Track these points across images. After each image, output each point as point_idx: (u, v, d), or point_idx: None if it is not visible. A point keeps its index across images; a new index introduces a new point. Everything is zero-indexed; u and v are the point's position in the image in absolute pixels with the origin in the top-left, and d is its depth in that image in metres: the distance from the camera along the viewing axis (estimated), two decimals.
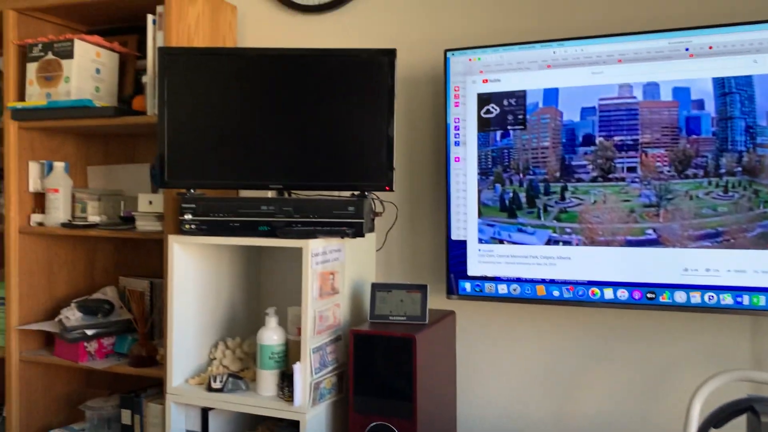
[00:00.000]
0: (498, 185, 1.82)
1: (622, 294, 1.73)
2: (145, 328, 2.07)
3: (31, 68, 2.12)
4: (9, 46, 2.16)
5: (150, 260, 2.37)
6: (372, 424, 1.66)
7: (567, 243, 1.77)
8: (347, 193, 1.81)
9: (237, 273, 2.05)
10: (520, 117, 1.80)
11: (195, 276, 1.87)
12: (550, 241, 1.78)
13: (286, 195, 1.89)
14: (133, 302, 2.11)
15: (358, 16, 2.12)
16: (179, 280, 1.82)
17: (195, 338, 1.88)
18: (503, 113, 1.81)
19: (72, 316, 2.10)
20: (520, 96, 1.80)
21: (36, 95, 2.11)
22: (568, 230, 1.76)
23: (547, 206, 1.78)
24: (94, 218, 2.14)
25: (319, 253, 1.69)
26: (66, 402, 2.33)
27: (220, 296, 1.97)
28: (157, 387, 2.12)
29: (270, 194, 1.90)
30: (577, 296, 1.77)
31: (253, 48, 1.81)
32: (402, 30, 2.07)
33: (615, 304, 1.74)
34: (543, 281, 1.80)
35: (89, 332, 2.07)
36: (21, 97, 2.17)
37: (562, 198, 1.76)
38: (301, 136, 1.78)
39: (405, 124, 2.06)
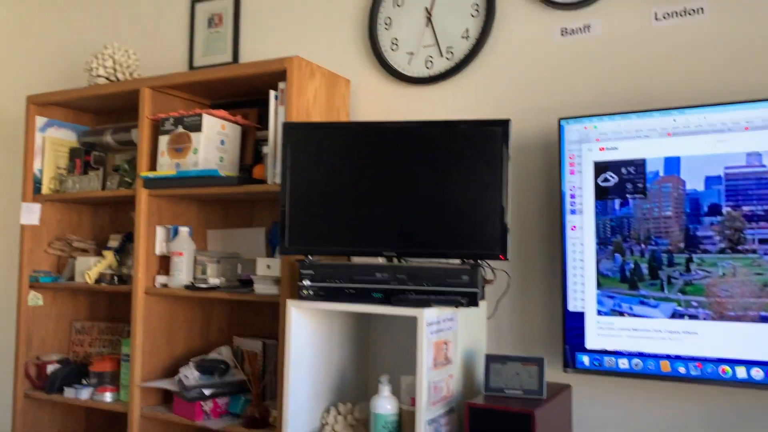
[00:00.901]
0: (618, 255, 1.77)
1: (757, 373, 1.62)
2: (258, 389, 2.13)
3: (163, 140, 2.29)
4: (144, 120, 2.35)
5: (263, 321, 2.45)
6: None
7: (693, 317, 1.68)
8: (456, 260, 1.81)
9: (348, 338, 2.07)
10: (640, 186, 1.76)
11: (309, 340, 1.92)
12: (675, 315, 1.70)
13: (396, 261, 1.91)
14: (248, 363, 2.17)
15: (467, 86, 2.17)
16: (295, 344, 1.86)
17: (308, 402, 1.90)
18: (622, 182, 1.78)
19: (190, 375, 2.19)
20: (639, 164, 1.76)
21: (166, 165, 2.27)
22: (695, 304, 1.68)
23: (671, 278, 1.71)
24: (214, 280, 2.25)
25: (433, 323, 1.69)
26: None
27: (331, 361, 2.00)
28: None
29: (380, 260, 1.93)
30: (705, 374, 1.67)
31: (371, 122, 1.88)
32: (510, 99, 2.09)
33: (749, 384, 1.63)
34: (668, 357, 1.71)
35: (206, 392, 2.15)
36: (152, 167, 2.34)
37: (687, 270, 1.69)
38: (415, 204, 1.81)
39: (515, 191, 2.06)
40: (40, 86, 3.15)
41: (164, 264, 2.39)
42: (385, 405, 1.74)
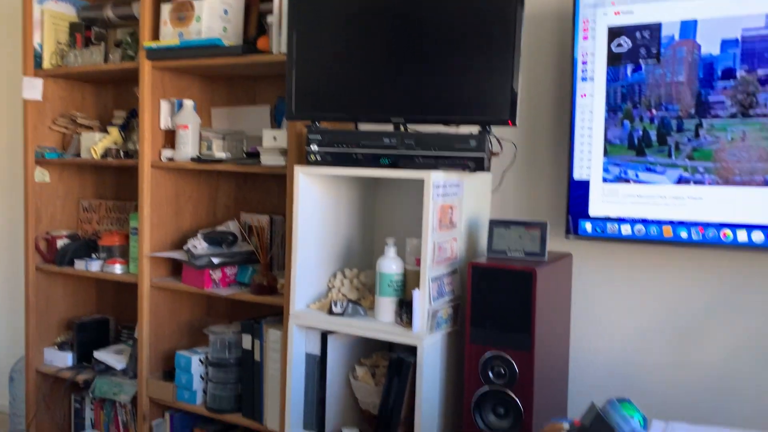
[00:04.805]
0: (627, 122, 1.76)
1: (758, 237, 1.65)
2: (266, 259, 2.17)
3: (165, 9, 2.23)
4: None
5: (268, 198, 2.47)
6: (489, 354, 1.68)
7: (699, 183, 1.69)
8: (465, 131, 1.80)
9: (355, 206, 2.10)
10: (654, 51, 1.73)
11: (316, 207, 1.94)
12: (681, 181, 1.71)
13: (402, 128, 1.90)
14: (255, 235, 2.21)
15: None
16: (303, 210, 1.89)
17: (315, 267, 1.95)
18: (635, 47, 1.75)
19: (199, 245, 2.23)
20: (655, 29, 1.72)
21: (169, 35, 2.22)
22: (701, 169, 1.69)
23: (679, 144, 1.71)
24: (220, 154, 2.25)
25: (440, 185, 1.71)
26: (189, 328, 2.49)
27: (338, 228, 2.03)
28: (276, 316, 2.22)
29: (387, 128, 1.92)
30: (707, 239, 1.70)
31: None
32: None
33: (749, 247, 1.66)
34: (671, 222, 1.74)
35: (215, 260, 2.20)
36: (155, 37, 2.29)
37: (697, 135, 1.69)
38: (423, 69, 1.78)
39: (526, 58, 2.02)
40: None
41: (170, 139, 2.38)
42: (390, 265, 1.78)
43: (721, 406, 1.80)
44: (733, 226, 1.67)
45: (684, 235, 1.73)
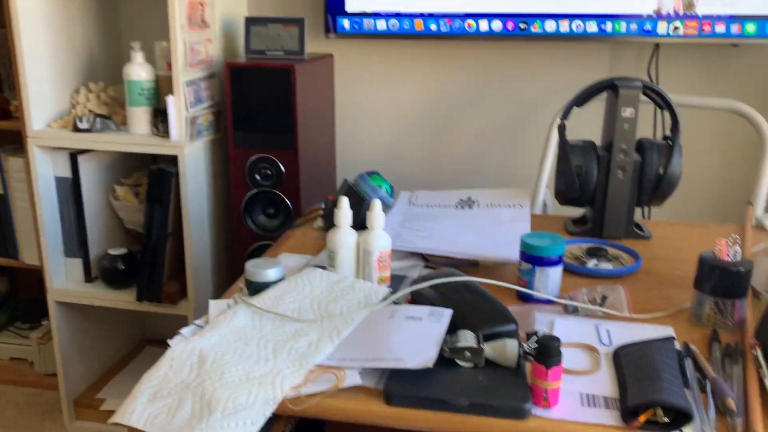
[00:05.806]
0: None
1: (497, 26, 1.76)
2: None
3: None
4: None
5: None
6: (254, 157, 1.66)
7: None
8: None
9: (91, 10, 1.84)
10: None
11: (43, 12, 1.67)
12: None
13: None
14: None
15: None
16: (25, 17, 1.61)
17: (52, 83, 1.72)
18: None
19: None
20: None
21: None
22: None
23: None
24: None
25: None
26: None
27: (74, 37, 1.79)
28: (15, 143, 1.97)
29: None
30: (454, 30, 1.78)
31: None
32: None
33: (489, 36, 1.77)
34: (421, 15, 1.78)
35: None
36: None
37: None
38: None
39: None
40: None
41: None
42: (139, 71, 1.63)
43: (469, 183, 2.01)
44: (476, 16, 1.76)
45: (434, 27, 1.79)
